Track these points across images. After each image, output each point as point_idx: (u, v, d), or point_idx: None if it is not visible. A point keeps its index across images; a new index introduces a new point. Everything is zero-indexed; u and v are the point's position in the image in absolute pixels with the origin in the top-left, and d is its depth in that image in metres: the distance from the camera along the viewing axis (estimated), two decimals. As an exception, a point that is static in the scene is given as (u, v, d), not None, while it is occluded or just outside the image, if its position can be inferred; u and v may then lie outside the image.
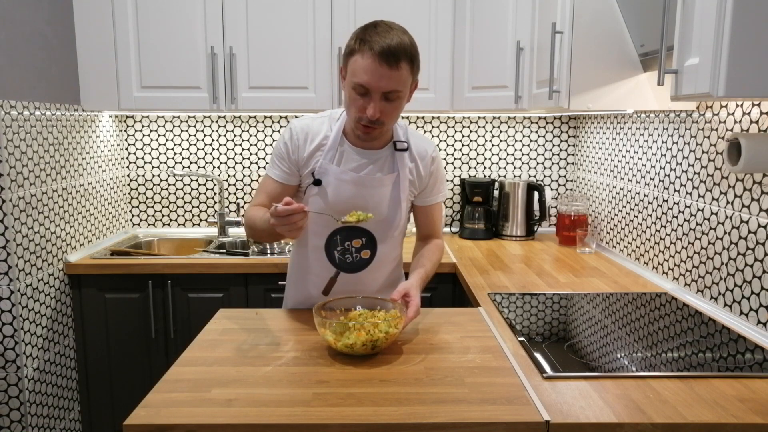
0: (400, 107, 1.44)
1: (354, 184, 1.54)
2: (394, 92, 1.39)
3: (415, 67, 1.43)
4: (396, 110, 1.44)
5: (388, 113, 1.43)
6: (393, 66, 1.36)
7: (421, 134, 1.67)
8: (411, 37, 1.42)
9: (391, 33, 1.37)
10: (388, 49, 1.35)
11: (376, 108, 1.40)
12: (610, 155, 2.53)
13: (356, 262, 1.59)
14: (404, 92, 1.42)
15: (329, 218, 1.51)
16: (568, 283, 2.02)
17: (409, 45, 1.39)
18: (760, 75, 1.11)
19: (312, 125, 1.57)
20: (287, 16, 2.52)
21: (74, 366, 2.44)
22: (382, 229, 1.59)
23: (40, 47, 2.24)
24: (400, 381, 1.23)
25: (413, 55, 1.40)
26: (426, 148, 1.61)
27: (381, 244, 1.59)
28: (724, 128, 1.71)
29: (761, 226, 1.54)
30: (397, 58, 1.36)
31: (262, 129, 2.94)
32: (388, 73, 1.36)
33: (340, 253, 1.58)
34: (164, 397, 1.16)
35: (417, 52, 1.42)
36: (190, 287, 2.40)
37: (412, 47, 1.40)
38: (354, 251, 1.58)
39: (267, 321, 1.60)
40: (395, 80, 1.37)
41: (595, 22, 1.88)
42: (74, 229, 2.45)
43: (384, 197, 1.56)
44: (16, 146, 2.06)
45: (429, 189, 1.65)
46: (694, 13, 1.20)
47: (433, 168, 1.63)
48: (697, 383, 1.23)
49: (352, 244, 1.57)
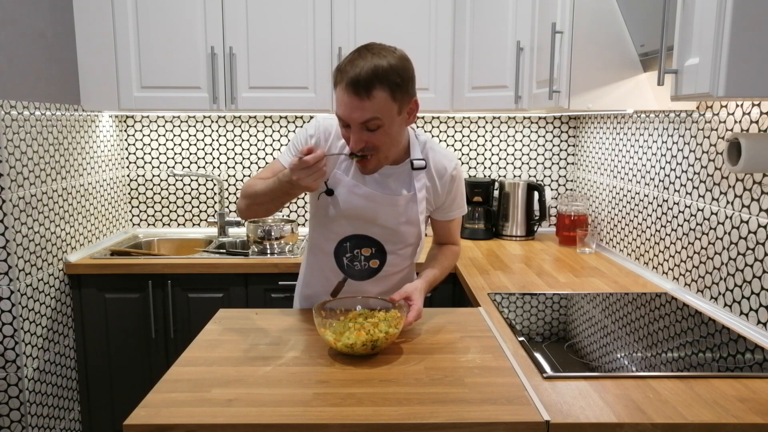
0: (387, 134, 1.37)
1: (366, 199, 1.51)
2: (372, 121, 1.33)
3: (399, 90, 1.34)
4: (383, 137, 1.37)
5: (375, 142, 1.37)
6: (363, 96, 1.30)
7: (443, 149, 1.60)
8: (396, 58, 1.34)
9: (367, 59, 1.31)
10: (356, 79, 1.29)
11: (356, 139, 1.36)
12: (610, 155, 2.53)
13: (364, 270, 1.59)
14: (385, 119, 1.34)
15: (341, 225, 1.53)
16: (568, 283, 2.02)
17: (387, 69, 1.31)
18: (760, 75, 1.11)
19: (336, 128, 1.52)
20: (287, 16, 2.52)
21: (74, 366, 2.44)
22: (393, 242, 1.57)
23: (40, 47, 2.24)
24: (400, 381, 1.23)
25: (391, 78, 1.31)
26: (446, 166, 1.55)
27: (390, 255, 1.58)
28: (724, 128, 1.71)
29: (761, 226, 1.54)
30: (368, 87, 1.29)
31: (262, 129, 2.94)
32: (359, 104, 1.31)
33: (349, 260, 1.58)
34: (164, 397, 1.16)
35: (399, 74, 1.33)
36: (190, 287, 2.40)
37: (392, 70, 1.31)
38: (363, 259, 1.57)
39: (267, 321, 1.60)
40: (369, 110, 1.32)
41: (595, 22, 1.88)
42: (74, 229, 2.45)
43: (396, 214, 1.53)
44: (16, 146, 2.06)
45: (447, 205, 1.61)
46: (694, 13, 1.20)
47: (454, 186, 1.58)
48: (697, 383, 1.23)
49: (362, 252, 1.56)
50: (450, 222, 1.68)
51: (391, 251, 1.58)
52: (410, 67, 1.39)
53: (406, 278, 1.70)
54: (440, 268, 1.64)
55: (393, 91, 1.33)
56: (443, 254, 1.69)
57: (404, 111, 1.39)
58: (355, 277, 1.59)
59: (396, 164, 1.53)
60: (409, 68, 1.39)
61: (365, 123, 1.34)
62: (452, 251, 1.72)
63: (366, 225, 1.54)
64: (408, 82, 1.37)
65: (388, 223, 1.54)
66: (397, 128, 1.40)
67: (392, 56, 1.34)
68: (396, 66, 1.33)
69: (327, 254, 1.60)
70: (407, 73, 1.37)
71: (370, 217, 1.52)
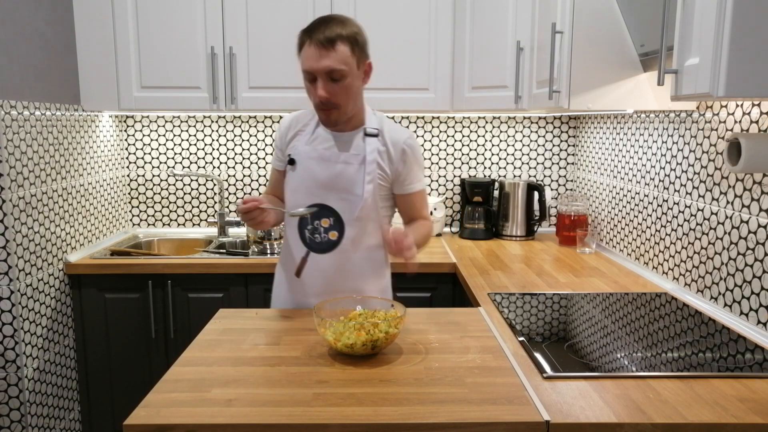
0: (349, 87, 1.53)
1: (320, 161, 1.63)
2: (337, 72, 1.50)
3: (357, 48, 1.53)
4: (346, 90, 1.53)
5: (337, 94, 1.53)
6: (330, 48, 1.49)
7: (399, 126, 1.71)
8: (353, 25, 1.54)
9: (329, 23, 1.51)
10: (324, 35, 1.49)
11: (323, 88, 1.51)
12: (610, 155, 2.53)
13: (324, 243, 1.65)
14: (348, 71, 1.51)
15: (301, 194, 1.65)
16: (568, 283, 2.02)
17: (348, 29, 1.52)
18: (760, 75, 1.11)
19: (300, 116, 1.73)
20: (287, 16, 2.52)
21: (74, 366, 2.44)
22: (349, 210, 1.63)
23: (40, 47, 2.24)
24: (400, 381, 1.23)
25: (352, 38, 1.52)
26: (400, 136, 1.65)
27: (349, 226, 1.63)
28: (724, 128, 1.71)
29: (761, 226, 1.54)
30: (333, 41, 1.49)
31: (262, 129, 2.94)
32: (326, 55, 1.49)
33: (310, 233, 1.66)
34: (164, 397, 1.17)
35: (357, 36, 1.54)
36: (190, 287, 2.40)
37: (352, 33, 1.52)
38: (323, 231, 1.65)
39: (267, 321, 1.60)
40: (334, 59, 1.49)
41: (595, 22, 1.88)
42: (74, 229, 2.45)
43: (349, 176, 1.62)
44: (16, 146, 2.06)
45: (404, 177, 1.67)
46: (694, 13, 1.20)
47: (408, 156, 1.65)
48: (697, 383, 1.23)
49: (321, 223, 1.64)
50: (413, 199, 1.71)
51: (348, 221, 1.63)
52: (365, 34, 1.58)
53: (372, 263, 1.71)
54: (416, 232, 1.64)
55: (353, 46, 1.52)
56: (417, 223, 1.73)
57: (361, 68, 1.57)
58: (316, 250, 1.66)
59: (350, 131, 1.65)
60: (364, 35, 1.58)
61: (330, 73, 1.50)
62: (423, 223, 1.73)
63: (323, 192, 1.63)
64: (364, 44, 1.57)
65: (340, 184, 1.62)
66: (357, 83, 1.56)
67: (350, 23, 1.55)
68: (354, 30, 1.54)
69: (293, 228, 1.69)
70: (362, 37, 1.57)
71: (325, 180, 1.63)
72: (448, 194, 3.03)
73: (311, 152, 1.65)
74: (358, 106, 1.63)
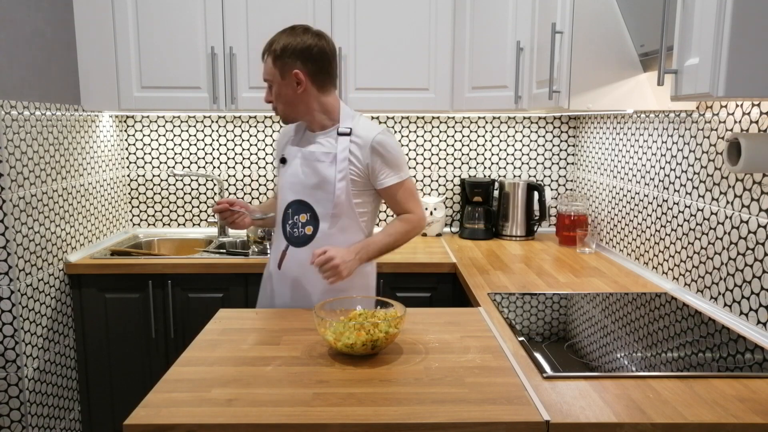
0: (279, 94, 1.72)
1: (303, 160, 1.76)
2: (268, 81, 1.72)
3: (279, 61, 1.68)
4: (277, 96, 1.72)
5: (275, 99, 1.73)
6: (263, 60, 1.72)
7: (372, 124, 1.78)
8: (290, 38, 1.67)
9: (275, 37, 1.70)
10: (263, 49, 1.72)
11: (266, 93, 1.75)
12: (610, 155, 2.53)
13: (301, 237, 1.77)
14: (272, 80, 1.70)
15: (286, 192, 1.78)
16: (568, 283, 2.02)
17: (276, 44, 1.68)
18: (760, 75, 1.11)
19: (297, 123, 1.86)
20: (287, 16, 2.51)
21: (74, 366, 2.44)
22: (323, 205, 1.73)
23: (40, 47, 2.24)
24: (400, 381, 1.24)
25: (276, 49, 1.67)
26: (370, 133, 1.72)
27: (323, 221, 1.74)
28: (724, 128, 1.71)
29: (761, 226, 1.54)
30: (263, 54, 1.71)
31: (262, 129, 2.94)
32: (263, 65, 1.73)
33: (291, 227, 1.78)
34: (164, 397, 1.17)
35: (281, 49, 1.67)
36: (190, 287, 2.40)
37: (277, 45, 1.67)
38: (300, 225, 1.76)
39: (267, 321, 1.60)
40: (264, 71, 1.72)
41: (595, 22, 1.88)
42: (74, 229, 2.45)
43: (323, 174, 1.72)
44: (16, 146, 2.06)
45: (378, 171, 1.72)
46: (693, 13, 1.20)
47: (378, 151, 1.71)
48: (697, 383, 1.23)
49: (300, 218, 1.76)
50: (389, 190, 1.75)
51: (323, 217, 1.74)
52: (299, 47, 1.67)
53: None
54: (384, 234, 1.75)
55: (275, 58, 1.68)
56: (394, 220, 1.80)
57: (288, 78, 1.69)
58: (295, 244, 1.77)
59: (327, 131, 1.77)
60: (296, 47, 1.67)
61: (265, 80, 1.73)
62: (403, 217, 1.79)
63: (303, 189, 1.75)
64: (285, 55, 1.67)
65: (317, 181, 1.73)
66: (286, 91, 1.70)
67: (290, 34, 1.69)
68: (284, 43, 1.67)
69: (279, 224, 1.82)
70: (289, 50, 1.67)
71: (305, 178, 1.75)
72: (448, 194, 3.03)
73: (297, 152, 1.78)
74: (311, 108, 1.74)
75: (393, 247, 1.77)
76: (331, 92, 1.75)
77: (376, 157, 1.71)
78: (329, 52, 1.71)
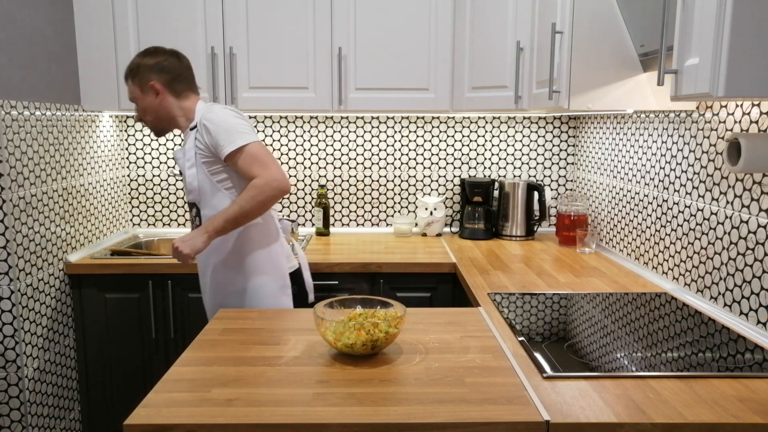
0: (146, 107, 1.90)
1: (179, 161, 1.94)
2: (133, 101, 1.91)
3: (134, 78, 1.88)
4: (144, 110, 1.90)
5: (143, 113, 1.92)
6: (126, 83, 1.92)
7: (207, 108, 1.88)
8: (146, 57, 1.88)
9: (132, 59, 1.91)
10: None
11: (135, 114, 1.95)
12: (610, 155, 2.53)
13: (196, 226, 1.91)
14: (137, 97, 1.89)
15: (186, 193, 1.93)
16: (568, 283, 2.02)
17: (133, 63, 1.89)
18: (760, 75, 1.11)
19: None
20: (287, 16, 2.52)
21: (74, 366, 2.44)
22: (195, 195, 1.89)
23: (40, 47, 2.24)
24: (400, 381, 1.24)
25: (132, 68, 1.89)
26: (201, 116, 1.85)
27: (203, 210, 1.89)
28: (724, 128, 1.71)
29: (761, 226, 1.54)
30: (125, 77, 1.91)
31: (262, 129, 2.94)
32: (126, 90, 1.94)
33: (192, 223, 1.96)
34: (164, 397, 1.17)
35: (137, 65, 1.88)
36: (190, 287, 2.40)
37: (134, 63, 1.89)
38: (196, 220, 1.92)
39: (267, 321, 1.60)
40: (128, 92, 1.92)
41: (595, 22, 1.88)
42: (74, 229, 2.45)
43: (186, 166, 1.89)
44: (16, 146, 2.06)
45: (215, 145, 1.80)
46: (693, 13, 1.20)
47: (208, 128, 1.80)
48: (697, 383, 1.23)
49: (194, 213, 1.94)
50: (232, 159, 1.79)
51: (199, 204, 1.89)
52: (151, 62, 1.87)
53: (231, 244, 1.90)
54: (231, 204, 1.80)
55: (132, 78, 1.89)
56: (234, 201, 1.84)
57: (146, 91, 1.88)
58: None
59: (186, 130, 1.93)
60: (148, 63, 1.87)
61: (131, 101, 1.92)
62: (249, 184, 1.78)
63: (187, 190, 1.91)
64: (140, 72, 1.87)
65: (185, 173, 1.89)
66: (148, 103, 1.89)
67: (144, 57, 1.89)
68: (137, 62, 1.89)
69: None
70: (143, 66, 1.88)
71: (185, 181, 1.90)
72: (448, 194, 3.03)
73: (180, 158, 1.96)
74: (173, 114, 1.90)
75: (241, 214, 1.77)
76: (190, 97, 1.92)
77: (207, 133, 1.80)
78: (181, 63, 1.91)
